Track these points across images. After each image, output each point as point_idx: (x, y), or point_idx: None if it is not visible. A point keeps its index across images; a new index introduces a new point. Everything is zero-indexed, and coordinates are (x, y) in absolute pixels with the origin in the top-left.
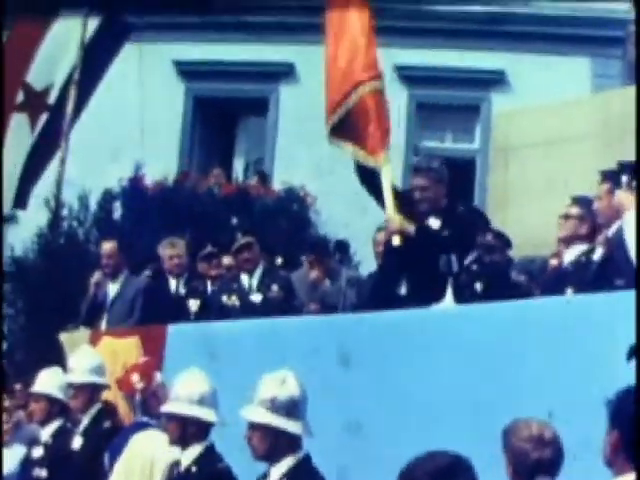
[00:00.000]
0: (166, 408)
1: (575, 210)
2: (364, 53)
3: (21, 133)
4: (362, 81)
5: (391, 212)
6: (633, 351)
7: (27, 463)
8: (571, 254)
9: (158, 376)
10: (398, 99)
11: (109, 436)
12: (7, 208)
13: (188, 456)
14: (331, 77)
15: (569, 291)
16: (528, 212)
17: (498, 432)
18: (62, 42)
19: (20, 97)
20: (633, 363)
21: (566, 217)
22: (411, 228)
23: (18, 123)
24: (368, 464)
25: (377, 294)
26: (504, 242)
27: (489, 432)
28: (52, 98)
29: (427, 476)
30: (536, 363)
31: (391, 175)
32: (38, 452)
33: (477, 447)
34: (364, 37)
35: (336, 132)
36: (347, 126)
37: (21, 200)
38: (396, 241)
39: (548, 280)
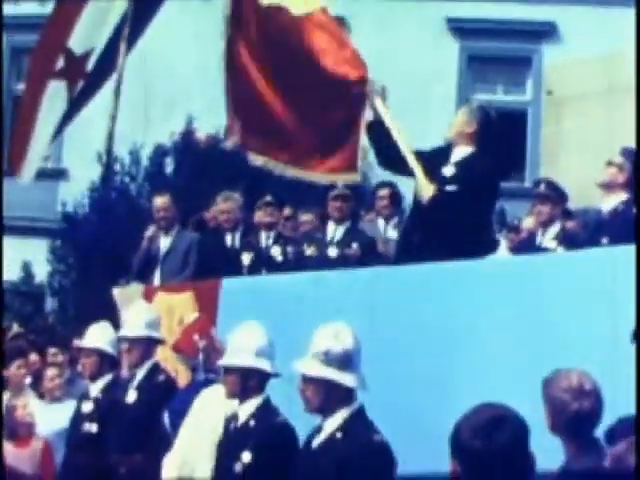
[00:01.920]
0: (225, 361)
1: (618, 159)
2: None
3: (58, 100)
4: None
5: (421, 176)
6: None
7: (77, 417)
8: (609, 203)
9: (214, 332)
10: (449, 52)
11: (164, 391)
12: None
13: (246, 409)
14: None
15: (605, 240)
16: (581, 163)
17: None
18: (105, 4)
19: (60, 63)
20: None
21: (608, 164)
22: (431, 190)
23: (56, 90)
24: (417, 417)
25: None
26: (558, 193)
27: (537, 383)
28: (92, 62)
29: (472, 431)
30: (588, 316)
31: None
32: (88, 407)
33: (526, 397)
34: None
35: None
36: None
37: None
38: (426, 195)
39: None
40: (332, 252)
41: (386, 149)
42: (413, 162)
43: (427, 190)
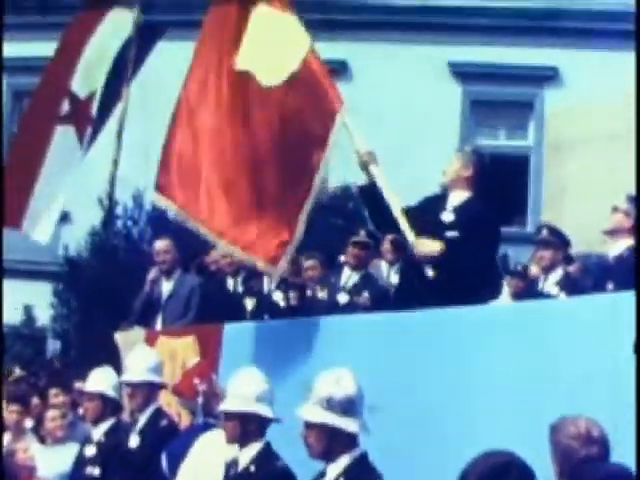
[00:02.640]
0: (225, 406)
1: (624, 205)
2: None
3: (67, 147)
4: None
5: (411, 235)
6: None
7: (80, 462)
8: (615, 249)
9: (215, 376)
10: (452, 96)
11: (166, 435)
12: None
13: (246, 455)
14: None
15: (610, 286)
16: (583, 208)
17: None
18: (103, 45)
19: (65, 107)
20: None
21: (614, 210)
22: (437, 246)
23: (64, 135)
24: (425, 460)
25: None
26: (560, 239)
27: (541, 429)
28: (95, 106)
29: (479, 478)
30: (590, 361)
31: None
32: (91, 450)
33: (530, 444)
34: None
35: None
36: None
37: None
38: (430, 272)
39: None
40: (342, 298)
41: (379, 211)
42: (405, 225)
43: (434, 246)
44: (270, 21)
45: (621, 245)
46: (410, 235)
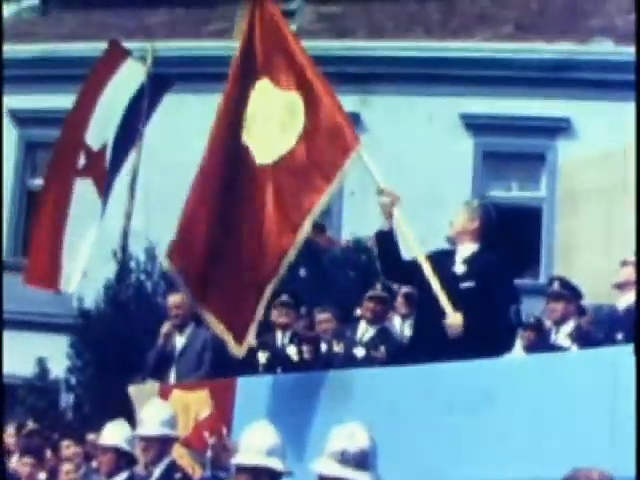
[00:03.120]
0: (237, 459)
1: (632, 258)
2: None
3: (87, 199)
4: None
5: (445, 301)
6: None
7: None
8: (625, 301)
9: (225, 430)
10: (464, 148)
11: None
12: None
13: None
14: None
15: (620, 337)
16: (596, 259)
17: None
18: (115, 97)
19: (82, 160)
20: None
21: (623, 264)
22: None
23: (83, 188)
24: None
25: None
26: (572, 291)
27: None
28: (107, 157)
29: None
30: (601, 415)
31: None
32: None
33: None
34: None
35: None
36: None
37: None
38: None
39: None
40: (359, 352)
41: (392, 260)
42: (436, 285)
43: (454, 319)
44: (269, 98)
45: (630, 297)
46: (443, 299)
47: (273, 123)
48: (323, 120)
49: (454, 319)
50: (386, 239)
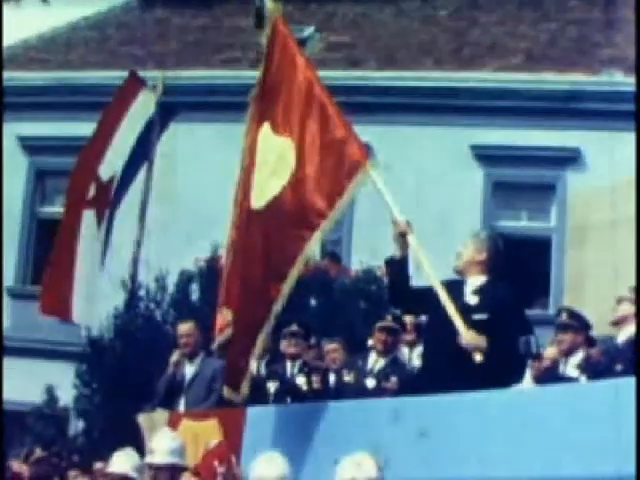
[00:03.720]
0: None
1: (628, 294)
2: None
3: (91, 231)
4: None
5: (461, 323)
6: None
7: None
8: (624, 335)
9: (234, 459)
10: (474, 179)
11: None
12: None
13: None
14: None
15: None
16: (605, 291)
17: None
18: (129, 129)
19: (92, 191)
20: None
21: (619, 301)
22: (484, 342)
23: (88, 220)
24: None
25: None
26: (580, 322)
27: None
28: (114, 188)
29: None
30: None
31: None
32: None
33: None
34: None
35: None
36: None
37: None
38: (478, 357)
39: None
40: (370, 383)
41: (402, 288)
42: (452, 311)
43: (470, 336)
44: (267, 143)
45: (629, 330)
46: (458, 321)
47: (267, 168)
48: (325, 153)
49: (470, 336)
50: (397, 267)
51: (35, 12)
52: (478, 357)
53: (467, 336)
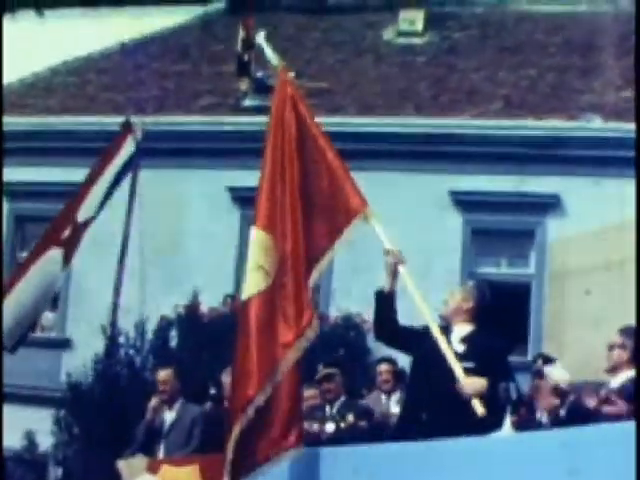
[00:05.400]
0: None
1: (619, 339)
2: None
3: (50, 268)
4: None
5: (455, 362)
6: None
7: None
8: (617, 381)
9: None
10: (453, 225)
11: None
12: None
13: None
14: None
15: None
16: (585, 337)
17: None
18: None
19: (66, 233)
20: None
21: (610, 348)
22: (485, 384)
23: (50, 258)
24: None
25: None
26: None
27: None
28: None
29: None
30: None
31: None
32: None
33: None
34: None
35: None
36: None
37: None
38: (480, 409)
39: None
40: (329, 428)
41: (388, 322)
42: (449, 354)
43: (471, 382)
44: (253, 239)
45: (622, 377)
46: (456, 367)
47: (252, 261)
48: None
49: (470, 382)
50: (385, 300)
51: (30, 26)
52: (480, 409)
53: (467, 382)
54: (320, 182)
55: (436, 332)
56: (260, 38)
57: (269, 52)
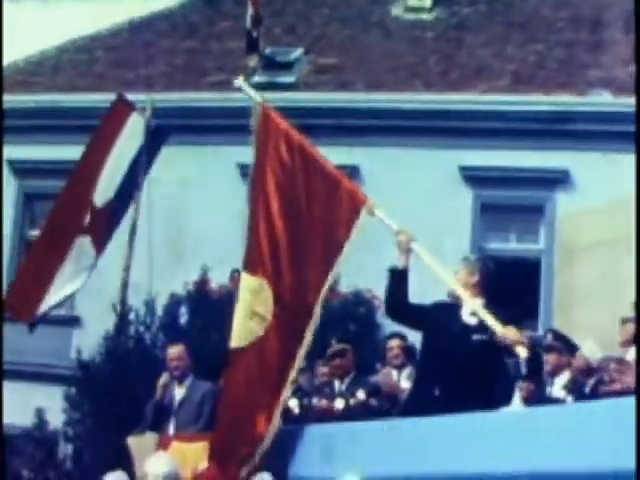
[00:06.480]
0: None
1: (630, 315)
2: None
3: (84, 255)
4: None
5: (496, 323)
6: None
7: None
8: (631, 354)
9: None
10: (463, 200)
11: None
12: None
13: None
14: None
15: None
16: (595, 312)
17: None
18: (120, 154)
19: (87, 219)
20: None
21: (623, 322)
22: (522, 337)
23: (81, 246)
24: None
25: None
26: (566, 343)
27: None
28: (109, 212)
29: None
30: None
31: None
32: None
33: None
34: None
35: None
36: None
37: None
38: (524, 353)
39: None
40: (339, 404)
41: (400, 299)
42: (480, 310)
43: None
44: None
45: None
46: (490, 319)
47: (244, 308)
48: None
49: (509, 332)
50: (399, 277)
51: (34, 10)
52: (523, 352)
53: (504, 331)
54: (316, 190)
55: (461, 292)
56: (239, 82)
57: (249, 91)
